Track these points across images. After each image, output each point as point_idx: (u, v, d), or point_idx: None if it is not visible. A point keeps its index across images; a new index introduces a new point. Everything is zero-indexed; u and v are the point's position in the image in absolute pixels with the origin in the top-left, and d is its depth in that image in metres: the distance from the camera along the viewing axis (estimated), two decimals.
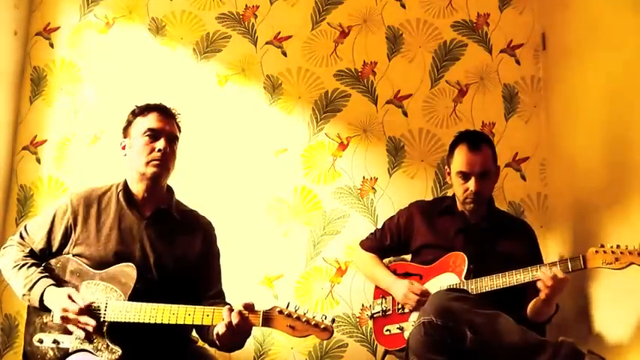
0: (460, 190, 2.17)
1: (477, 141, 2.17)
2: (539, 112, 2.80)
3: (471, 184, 2.13)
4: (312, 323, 1.67)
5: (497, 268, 2.00)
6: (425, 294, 2.05)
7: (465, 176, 2.14)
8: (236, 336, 1.71)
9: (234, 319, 1.67)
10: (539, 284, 1.89)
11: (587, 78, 2.37)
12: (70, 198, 1.94)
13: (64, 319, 1.74)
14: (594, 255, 1.84)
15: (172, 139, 1.95)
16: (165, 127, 1.94)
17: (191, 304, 1.75)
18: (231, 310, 1.68)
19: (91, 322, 1.73)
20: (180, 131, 2.02)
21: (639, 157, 1.96)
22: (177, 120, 2.02)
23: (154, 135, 1.92)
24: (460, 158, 2.15)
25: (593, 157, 2.29)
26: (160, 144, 1.90)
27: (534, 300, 1.98)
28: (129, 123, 1.99)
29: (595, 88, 2.30)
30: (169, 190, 2.02)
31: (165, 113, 1.98)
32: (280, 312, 1.69)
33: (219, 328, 1.70)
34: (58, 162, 2.76)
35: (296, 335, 1.69)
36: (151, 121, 1.94)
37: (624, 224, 2.02)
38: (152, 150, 1.90)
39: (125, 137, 1.99)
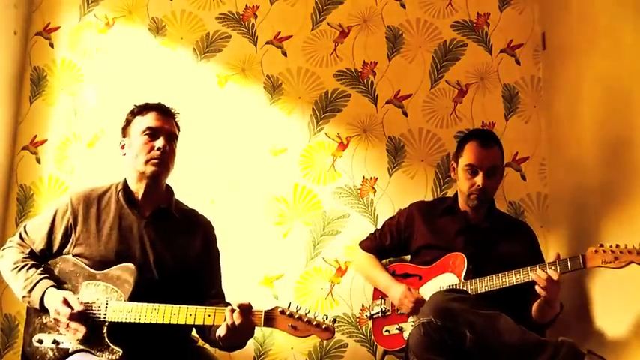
0: (466, 185, 2.17)
1: (488, 139, 2.20)
2: (539, 112, 2.80)
3: (479, 179, 2.14)
4: (314, 323, 1.68)
5: (497, 269, 2.01)
6: (419, 302, 2.05)
7: (473, 170, 2.15)
8: (238, 336, 1.71)
9: (237, 320, 1.67)
10: (537, 286, 1.89)
11: (587, 78, 2.37)
12: (69, 198, 1.94)
13: (56, 321, 1.75)
14: (594, 254, 1.84)
15: (171, 138, 1.95)
16: (165, 126, 1.94)
17: (191, 303, 1.75)
18: (232, 310, 1.68)
19: (80, 329, 1.72)
20: (179, 130, 2.02)
21: (639, 157, 1.97)
22: (177, 119, 2.02)
23: (153, 134, 1.91)
24: (470, 152, 2.17)
25: (593, 157, 2.29)
26: (159, 143, 1.90)
27: (538, 301, 1.98)
28: (128, 122, 1.98)
29: (595, 88, 2.30)
30: (169, 189, 2.02)
31: (164, 112, 1.98)
32: (282, 312, 1.69)
33: (221, 330, 1.70)
34: (58, 162, 2.75)
35: (297, 335, 1.69)
36: (150, 120, 1.94)
37: (624, 224, 2.02)
38: (151, 149, 1.90)
39: (124, 137, 1.98)
